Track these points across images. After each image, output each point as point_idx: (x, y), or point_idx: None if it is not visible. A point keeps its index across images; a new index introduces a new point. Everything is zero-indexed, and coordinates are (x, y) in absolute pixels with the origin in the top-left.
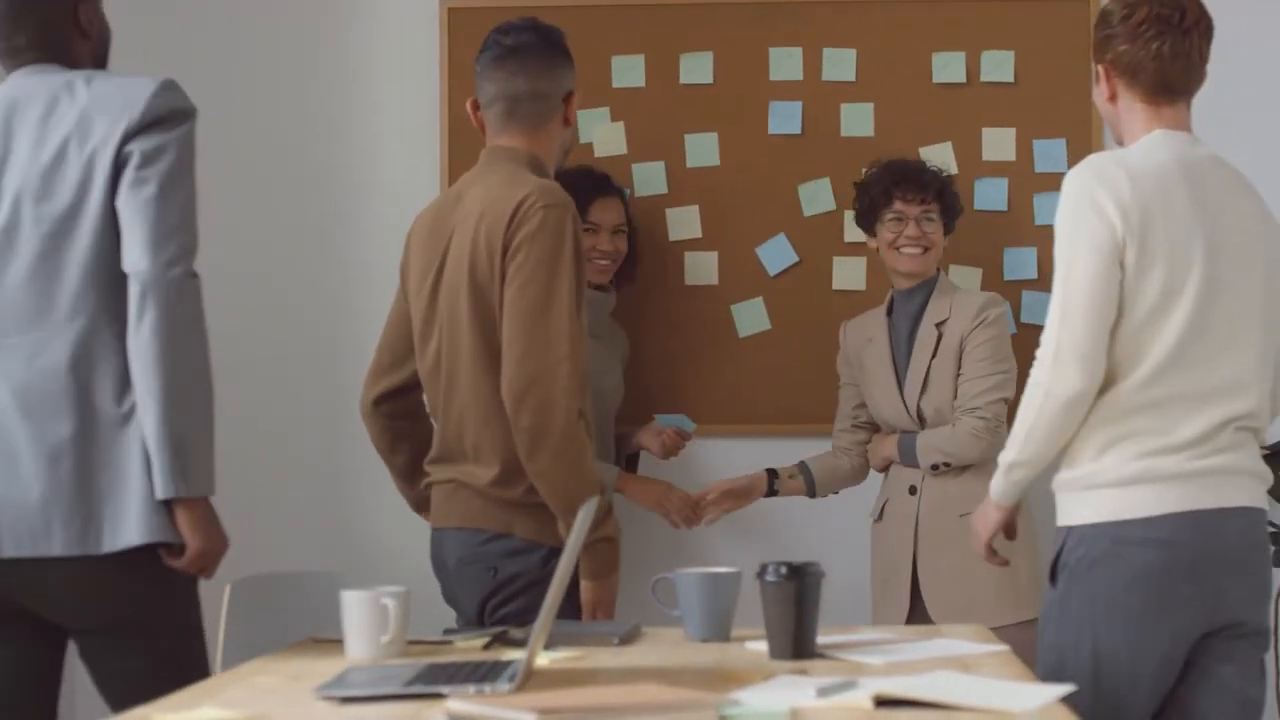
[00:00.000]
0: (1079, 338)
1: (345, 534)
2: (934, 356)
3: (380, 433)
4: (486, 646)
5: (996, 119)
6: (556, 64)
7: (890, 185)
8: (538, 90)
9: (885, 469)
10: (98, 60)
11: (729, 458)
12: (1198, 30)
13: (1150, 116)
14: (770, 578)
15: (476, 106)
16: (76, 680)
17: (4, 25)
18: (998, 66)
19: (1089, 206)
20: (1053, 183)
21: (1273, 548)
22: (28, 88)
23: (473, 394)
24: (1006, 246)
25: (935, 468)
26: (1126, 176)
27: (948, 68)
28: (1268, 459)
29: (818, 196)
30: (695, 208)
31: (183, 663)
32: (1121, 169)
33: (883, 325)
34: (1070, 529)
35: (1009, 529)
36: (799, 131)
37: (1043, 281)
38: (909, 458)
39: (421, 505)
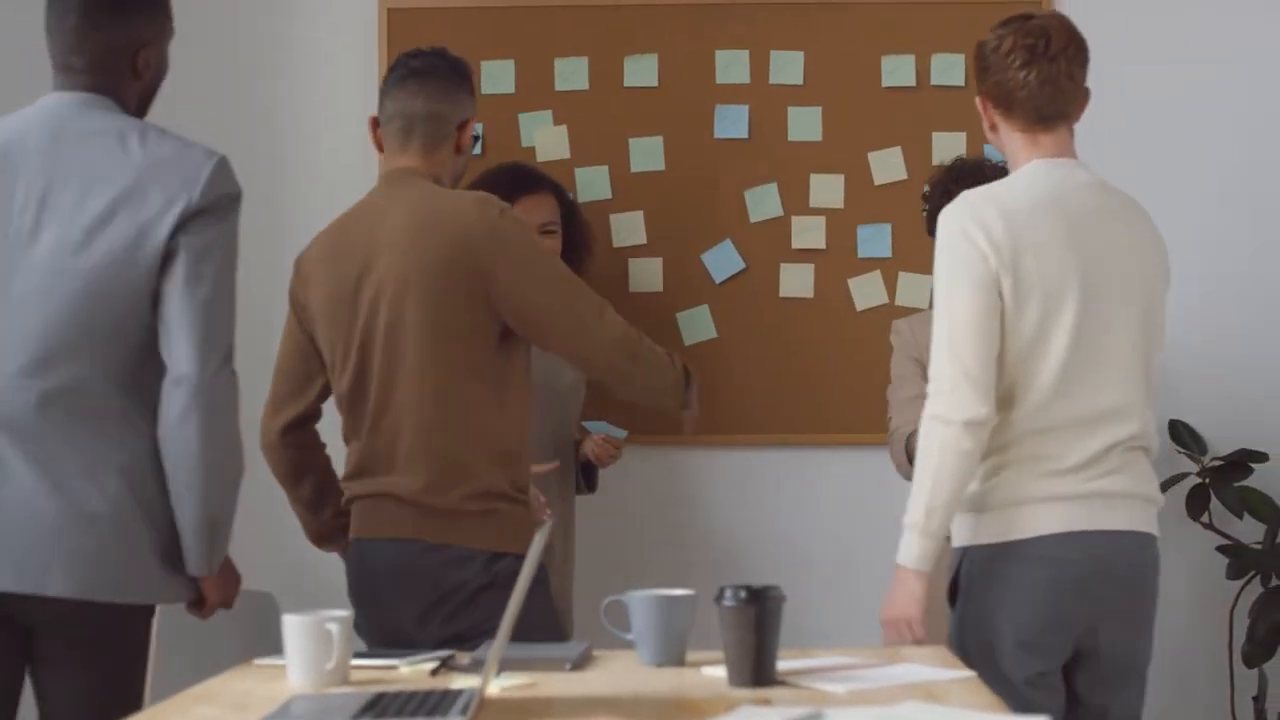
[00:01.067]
0: (969, 365)
1: (275, 553)
2: None
3: (285, 464)
4: (434, 673)
5: (947, 123)
6: (457, 91)
7: (951, 185)
8: (434, 112)
9: None
10: (142, 104)
11: (673, 469)
12: (1065, 55)
13: (1028, 145)
14: (729, 602)
15: (376, 124)
16: (158, 650)
17: (65, 40)
18: (948, 70)
19: (964, 241)
20: None
21: None
22: (77, 118)
23: (415, 402)
24: None
25: None
26: (998, 213)
27: (897, 71)
28: (1221, 470)
29: (765, 202)
30: (640, 213)
31: (125, 685)
32: (993, 205)
33: None
34: (965, 549)
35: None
36: (746, 135)
37: None
38: None
39: (325, 536)
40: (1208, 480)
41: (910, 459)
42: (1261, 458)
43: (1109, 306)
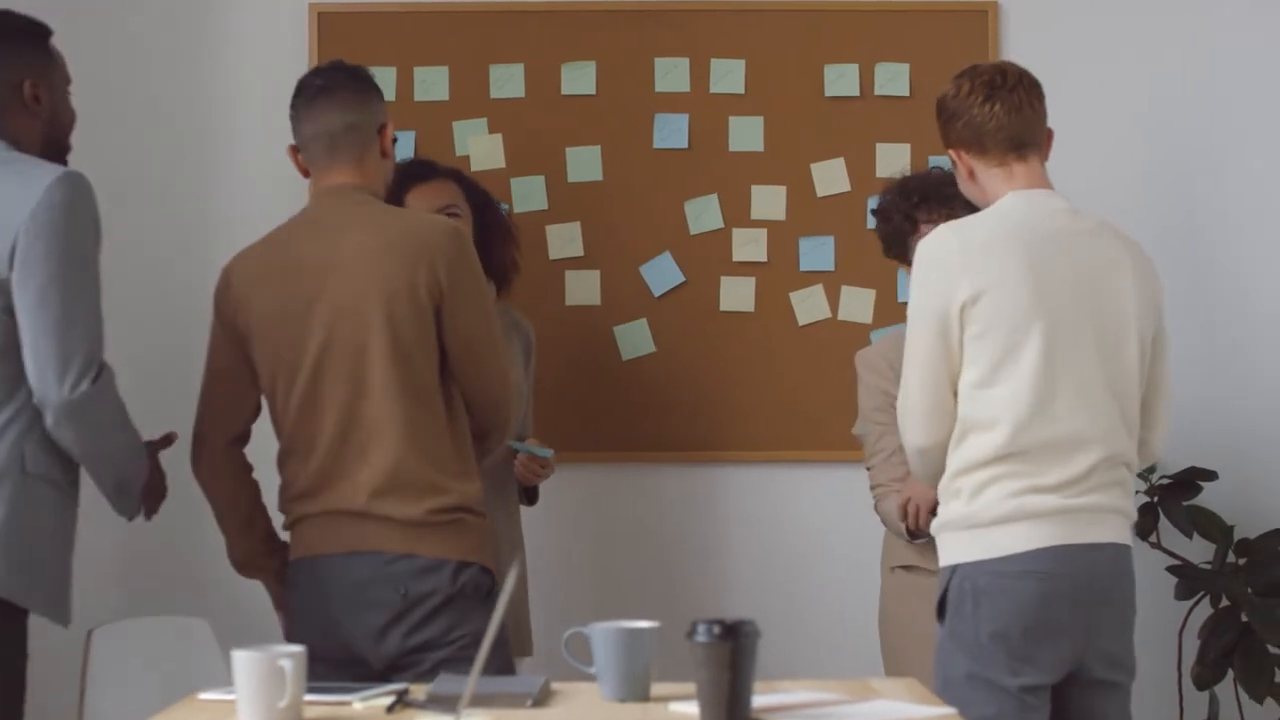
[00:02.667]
0: (915, 400)
1: (202, 578)
2: None
3: (221, 485)
4: (390, 709)
5: (891, 134)
6: (367, 97)
7: (911, 209)
8: (351, 122)
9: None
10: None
11: (610, 486)
12: (1022, 86)
13: (1004, 179)
14: (701, 638)
15: (296, 150)
16: (90, 679)
17: None
18: (892, 80)
19: (926, 274)
20: None
21: None
22: None
23: (385, 423)
24: (901, 268)
25: None
26: (959, 247)
27: (840, 80)
28: (1169, 489)
29: (705, 214)
30: (577, 224)
31: None
32: (957, 238)
33: None
34: (954, 567)
35: None
36: (685, 145)
37: None
38: None
39: (251, 561)
40: (1156, 499)
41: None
42: (1211, 476)
43: (1080, 333)
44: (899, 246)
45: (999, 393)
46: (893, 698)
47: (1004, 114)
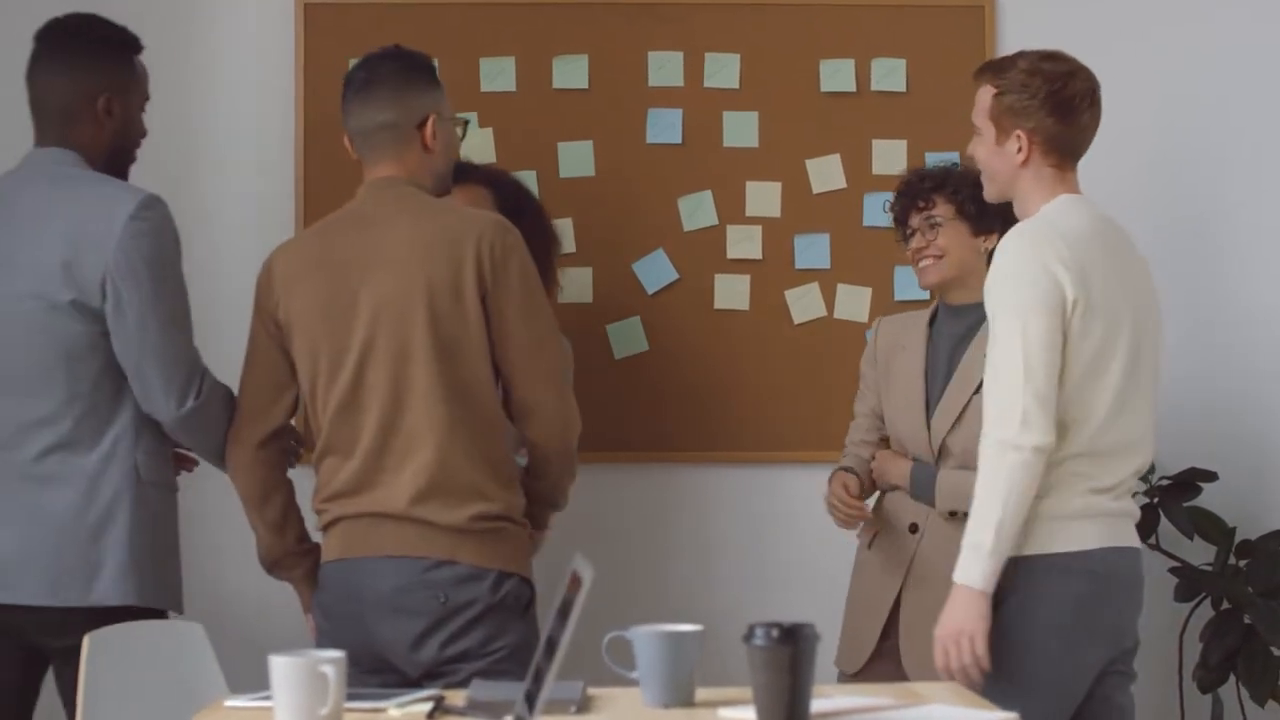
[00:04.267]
0: (1044, 394)
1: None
2: (977, 392)
3: (256, 482)
4: (430, 716)
5: (887, 130)
6: (407, 92)
7: (896, 204)
8: (384, 121)
9: (881, 490)
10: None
11: (604, 486)
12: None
13: (1056, 181)
14: (759, 641)
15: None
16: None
17: None
18: (888, 75)
19: (1040, 269)
20: None
21: None
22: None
23: (427, 424)
24: (897, 265)
25: (953, 514)
26: (1065, 243)
27: (836, 75)
28: (1169, 490)
29: (699, 210)
30: (569, 220)
31: None
32: (1059, 235)
33: (922, 335)
34: (1014, 560)
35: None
36: (679, 141)
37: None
38: (922, 492)
39: (282, 562)
40: (1156, 500)
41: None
42: (1211, 477)
43: (1146, 334)
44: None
45: (1087, 393)
46: (939, 701)
47: (1087, 128)
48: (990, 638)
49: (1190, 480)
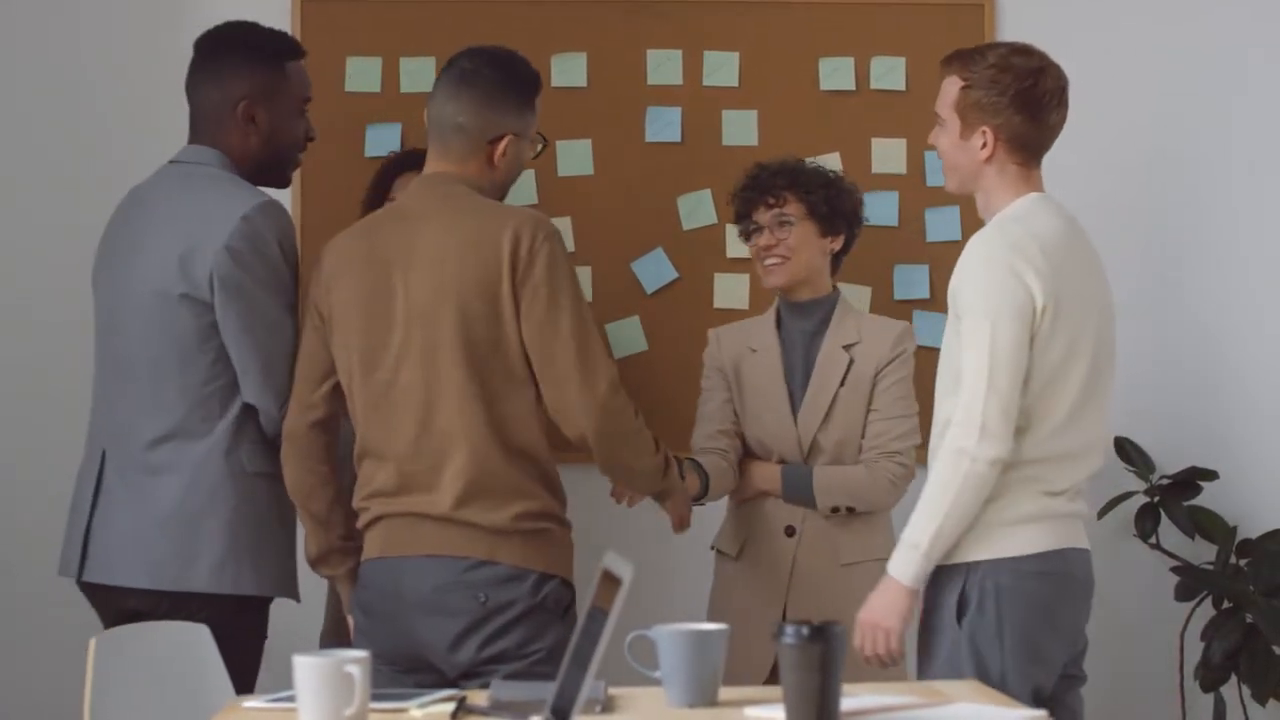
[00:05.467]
0: (1007, 405)
1: None
2: (842, 385)
3: (302, 473)
4: (454, 716)
5: (887, 129)
6: (498, 105)
7: (741, 197)
8: (461, 124)
9: (745, 499)
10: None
11: (601, 487)
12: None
13: (1021, 179)
14: (789, 640)
15: None
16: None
17: None
18: (888, 73)
19: (1009, 274)
20: (945, 197)
21: None
22: None
23: (461, 424)
24: (897, 264)
25: (836, 510)
26: (1039, 247)
27: (836, 74)
28: (1170, 489)
29: (698, 209)
30: (567, 219)
31: None
32: (1032, 238)
33: (772, 336)
34: (972, 565)
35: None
36: (678, 139)
37: (936, 302)
38: (797, 494)
39: (326, 557)
40: (1157, 499)
41: None
42: (1211, 476)
43: (1105, 338)
44: (745, 235)
45: (1048, 398)
46: (964, 700)
47: (1055, 127)
48: (961, 646)
49: (1191, 479)
